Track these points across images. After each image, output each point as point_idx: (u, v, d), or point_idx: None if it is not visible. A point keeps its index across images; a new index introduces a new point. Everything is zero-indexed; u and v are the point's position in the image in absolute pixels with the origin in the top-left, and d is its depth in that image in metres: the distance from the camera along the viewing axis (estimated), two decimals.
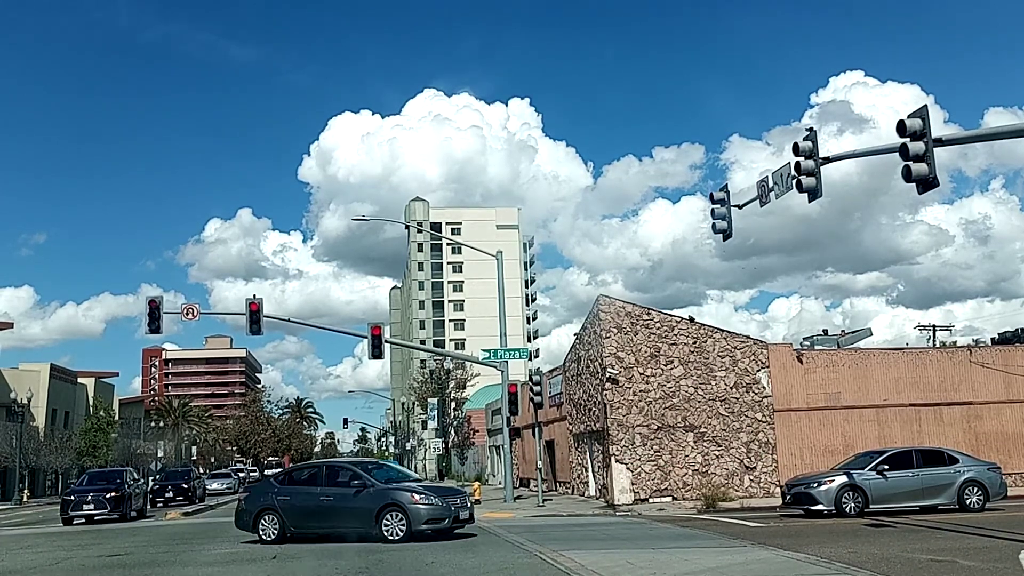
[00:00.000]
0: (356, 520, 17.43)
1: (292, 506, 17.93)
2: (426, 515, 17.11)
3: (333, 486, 18.00)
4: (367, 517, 17.24)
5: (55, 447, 58.66)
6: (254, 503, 18.48)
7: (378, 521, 17.08)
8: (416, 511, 17.07)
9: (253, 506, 18.38)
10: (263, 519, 18.00)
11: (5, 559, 17.71)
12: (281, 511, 17.93)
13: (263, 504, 18.21)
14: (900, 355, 29.92)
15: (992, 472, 22.14)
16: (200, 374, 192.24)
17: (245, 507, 18.62)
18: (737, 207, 18.37)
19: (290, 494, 18.13)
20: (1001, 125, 24.61)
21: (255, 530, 18.05)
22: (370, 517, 17.20)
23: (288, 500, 18.01)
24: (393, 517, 17.04)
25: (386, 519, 17.05)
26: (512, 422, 32.76)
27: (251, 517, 18.20)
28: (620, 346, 28.18)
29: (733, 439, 27.87)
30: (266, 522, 17.95)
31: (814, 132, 15.70)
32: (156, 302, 28.12)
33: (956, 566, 12.47)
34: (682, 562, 13.35)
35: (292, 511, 17.90)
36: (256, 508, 18.24)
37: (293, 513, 17.89)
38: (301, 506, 17.92)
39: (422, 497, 17.39)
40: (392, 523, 17.02)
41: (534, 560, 14.01)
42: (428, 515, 17.13)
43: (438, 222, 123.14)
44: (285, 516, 17.88)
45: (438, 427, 59.13)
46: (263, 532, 17.93)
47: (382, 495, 17.36)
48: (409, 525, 16.95)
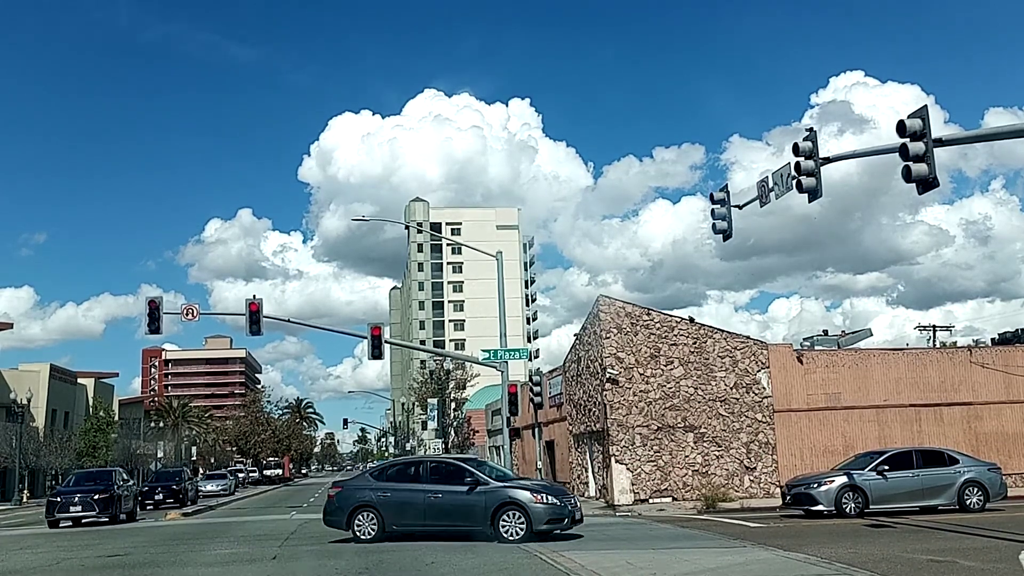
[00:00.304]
0: (468, 519, 16.74)
1: (393, 503, 17.08)
2: (547, 515, 16.42)
3: (440, 483, 17.16)
4: (481, 516, 16.54)
5: (55, 448, 58.60)
6: (348, 499, 17.43)
7: (494, 520, 16.38)
8: (537, 511, 16.37)
9: (347, 503, 17.36)
10: (359, 516, 17.13)
11: (5, 559, 17.70)
12: (380, 508, 17.07)
13: (359, 500, 17.25)
14: (900, 355, 29.91)
15: (992, 472, 22.14)
16: (200, 374, 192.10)
17: (338, 504, 17.52)
18: (737, 207, 18.37)
19: (391, 490, 17.27)
20: (1001, 125, 24.62)
21: (349, 528, 17.20)
22: (485, 516, 16.49)
23: (388, 496, 17.15)
24: (512, 516, 16.33)
25: (504, 518, 16.34)
26: (512, 422, 32.78)
27: (345, 514, 17.25)
28: (620, 346, 28.17)
29: (733, 439, 27.85)
30: (363, 519, 17.10)
31: (814, 132, 15.70)
32: (156, 302, 28.12)
33: (956, 566, 12.46)
34: (682, 562, 13.34)
35: (393, 508, 17.06)
36: (351, 505, 17.26)
37: (394, 510, 17.05)
38: (404, 503, 17.06)
39: (542, 496, 16.70)
40: (511, 523, 16.33)
41: (534, 560, 14.00)
42: (549, 515, 16.44)
43: (438, 222, 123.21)
44: (385, 513, 17.04)
45: (438, 427, 59.14)
46: (359, 530, 17.10)
47: (499, 493, 16.61)
48: (529, 525, 16.26)
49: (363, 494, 17.35)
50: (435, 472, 17.58)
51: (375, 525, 17.01)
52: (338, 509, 17.51)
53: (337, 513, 17.52)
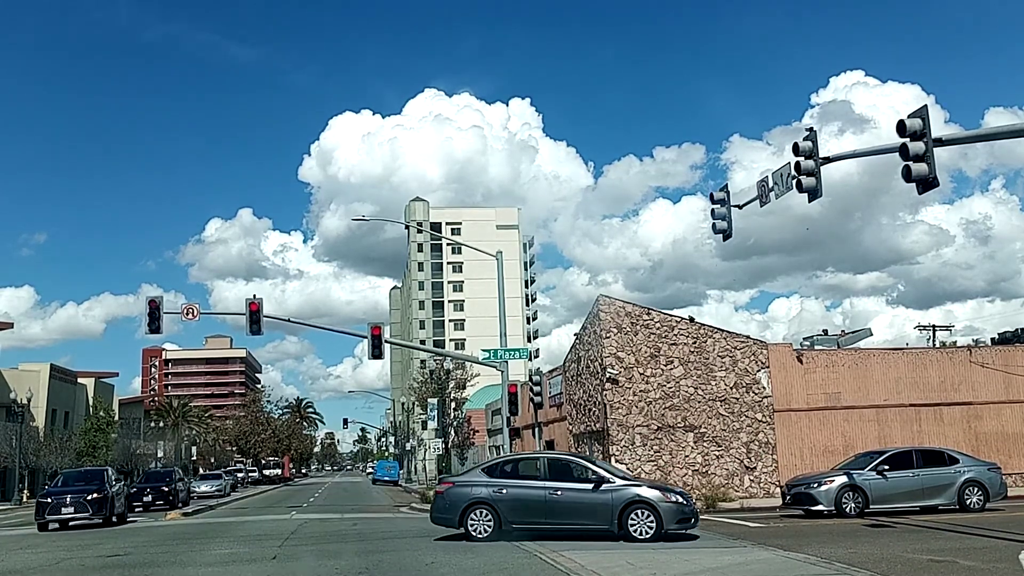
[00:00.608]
0: (593, 517, 16.35)
1: (511, 500, 16.63)
2: (677, 514, 16.11)
3: (560, 479, 16.71)
4: (607, 514, 16.16)
5: (55, 447, 58.55)
6: (461, 496, 16.91)
7: (621, 519, 16.04)
8: (668, 510, 16.04)
9: (460, 500, 16.85)
10: (473, 513, 16.63)
11: (5, 559, 17.70)
12: (496, 505, 16.61)
13: (473, 497, 16.74)
14: (900, 355, 29.91)
15: (992, 472, 22.12)
16: (200, 374, 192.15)
17: (449, 501, 17.02)
18: (737, 207, 18.38)
19: (507, 487, 16.79)
20: (1001, 125, 24.61)
21: (461, 525, 16.72)
22: (611, 515, 16.13)
23: (505, 493, 16.68)
24: (640, 515, 15.98)
25: (632, 517, 15.98)
26: (512, 422, 32.76)
27: (458, 512, 16.75)
28: (620, 346, 28.16)
29: (733, 439, 27.85)
30: (477, 517, 16.61)
31: (814, 132, 15.70)
32: (156, 302, 28.11)
33: (956, 566, 12.46)
34: (682, 562, 13.34)
35: (511, 505, 16.60)
36: (464, 502, 16.76)
37: (512, 508, 16.59)
38: (523, 500, 16.61)
39: (670, 495, 16.41)
40: (639, 521, 15.96)
41: (534, 560, 14.00)
42: (678, 514, 16.14)
43: (438, 222, 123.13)
44: (502, 511, 16.58)
45: (438, 427, 59.07)
46: (473, 528, 16.59)
47: (627, 491, 16.27)
48: (659, 524, 15.93)
49: (477, 491, 16.82)
50: (555, 468, 17.10)
51: (491, 523, 16.56)
52: (449, 506, 16.99)
53: (448, 510, 17.01)
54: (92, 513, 26.76)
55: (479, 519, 16.60)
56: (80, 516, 26.72)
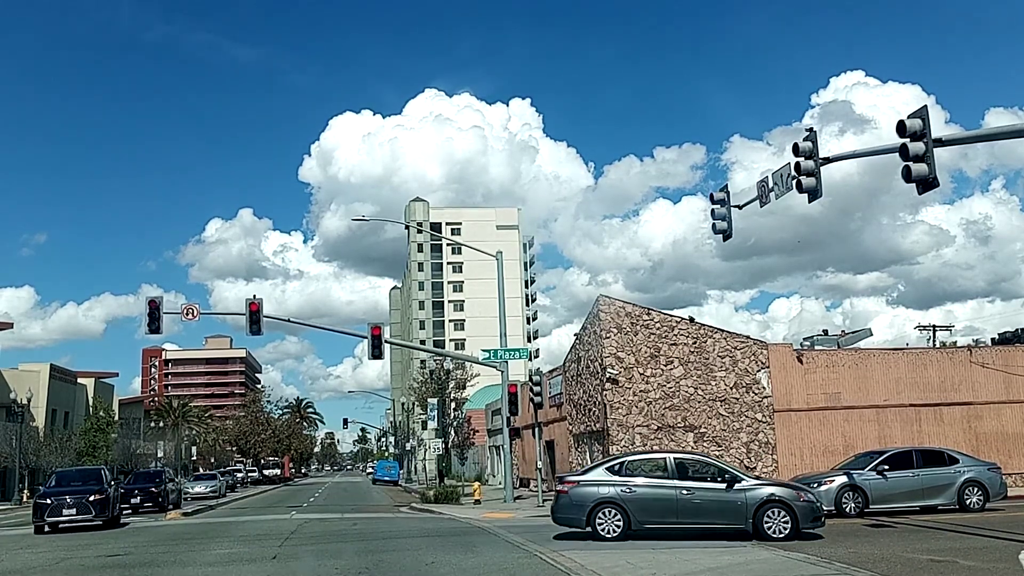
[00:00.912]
0: (726, 516, 16.26)
1: (640, 499, 16.37)
2: (811, 513, 16.10)
3: (689, 479, 16.56)
4: (741, 514, 16.08)
5: (55, 447, 58.56)
6: (587, 496, 16.57)
7: (755, 518, 15.94)
8: (803, 509, 16.00)
9: (586, 499, 16.55)
10: (601, 513, 16.37)
11: (5, 559, 17.70)
12: (626, 504, 16.37)
13: (601, 497, 16.46)
14: (900, 355, 29.92)
15: (992, 472, 22.12)
16: (200, 374, 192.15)
17: (574, 500, 16.71)
18: (737, 207, 18.37)
19: (635, 486, 16.51)
20: (1001, 125, 24.65)
21: (589, 525, 16.43)
22: (745, 514, 16.03)
23: (634, 492, 16.41)
24: (775, 514, 15.87)
25: (767, 516, 15.88)
26: (512, 422, 32.75)
27: (585, 511, 16.43)
28: (620, 346, 28.17)
29: (733, 439, 27.86)
30: (606, 516, 16.36)
31: (814, 132, 15.70)
32: (156, 302, 28.11)
33: (956, 566, 12.47)
34: (682, 562, 13.35)
35: (640, 505, 16.37)
36: (592, 501, 16.47)
37: (642, 507, 16.38)
38: (653, 499, 16.39)
39: (803, 494, 16.38)
40: (775, 520, 15.85)
41: (534, 560, 14.01)
42: (812, 513, 16.13)
43: (438, 222, 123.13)
44: (631, 510, 16.35)
45: (438, 427, 58.96)
46: (601, 527, 16.31)
47: (761, 491, 16.23)
48: (795, 523, 15.82)
49: (604, 490, 16.54)
50: (682, 467, 16.94)
51: (619, 523, 16.35)
52: (575, 506, 16.73)
53: (574, 510, 16.75)
54: (95, 515, 25.45)
55: (607, 519, 16.38)
56: (82, 518, 25.33)
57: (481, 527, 21.55)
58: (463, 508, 29.87)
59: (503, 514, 26.04)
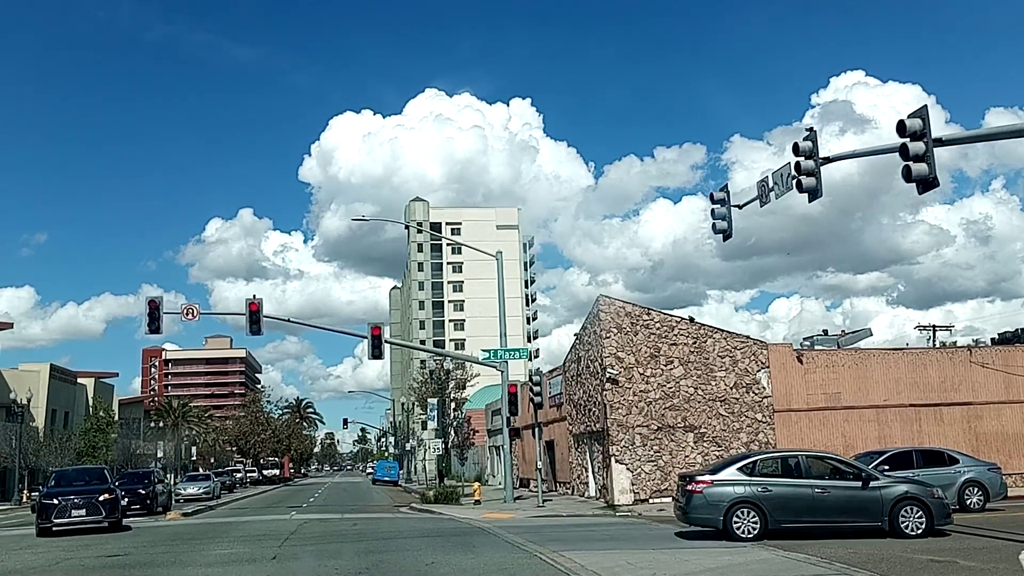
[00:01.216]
0: (863, 514, 16.27)
1: (776, 498, 16.38)
2: (943, 510, 16.25)
3: (822, 477, 16.69)
4: (877, 511, 16.11)
5: (55, 447, 58.57)
6: (723, 496, 16.50)
7: (891, 516, 16.02)
8: (936, 506, 16.12)
9: (723, 499, 16.46)
10: (737, 513, 16.31)
11: (5, 559, 17.70)
12: (762, 504, 16.33)
13: (737, 496, 16.43)
14: (900, 355, 29.91)
15: (992, 472, 22.14)
16: (200, 374, 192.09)
17: (709, 500, 16.59)
18: (737, 207, 18.35)
19: (771, 485, 16.54)
20: (1001, 125, 24.62)
21: (725, 525, 16.30)
22: (881, 511, 16.08)
23: (770, 492, 16.42)
24: (911, 512, 16.00)
25: (903, 514, 15.99)
26: (512, 422, 32.75)
27: (721, 511, 16.35)
28: (620, 346, 28.17)
29: (733, 439, 27.86)
30: (742, 516, 16.30)
31: (814, 132, 15.69)
32: (156, 302, 28.11)
33: (956, 566, 12.47)
34: (682, 562, 13.35)
35: (776, 504, 16.35)
36: (728, 501, 16.41)
37: (778, 506, 16.34)
38: (789, 498, 16.37)
39: (937, 491, 16.50)
40: (910, 518, 15.96)
41: (534, 560, 14.00)
42: (944, 510, 16.30)
43: (438, 222, 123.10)
44: (768, 509, 16.29)
45: (438, 427, 58.95)
46: (738, 528, 16.21)
47: (896, 488, 16.31)
48: (930, 520, 15.95)
49: (740, 489, 16.52)
50: (815, 467, 17.08)
51: (756, 522, 16.30)
52: (711, 506, 16.61)
53: (709, 510, 16.60)
54: (105, 515, 24.09)
55: (744, 518, 16.35)
56: (92, 519, 23.99)
57: (481, 527, 21.55)
58: (463, 508, 29.87)
59: (503, 514, 26.04)
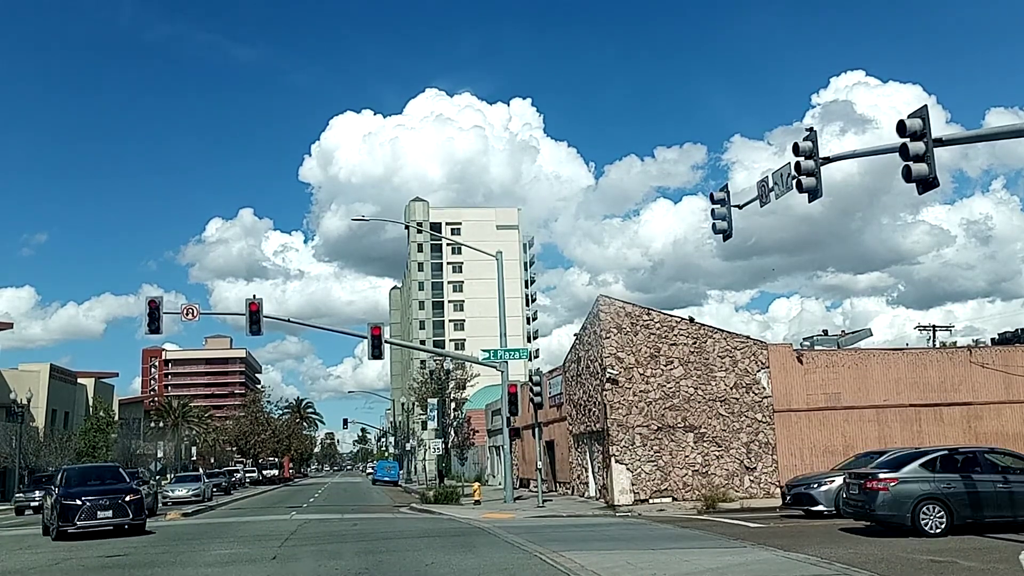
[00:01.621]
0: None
1: (962, 494, 16.36)
2: None
3: (1004, 472, 16.76)
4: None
5: (55, 448, 58.60)
6: (910, 492, 16.41)
7: None
8: None
9: (910, 496, 16.37)
10: (924, 509, 16.24)
11: (5, 559, 17.70)
12: (948, 500, 16.29)
13: (924, 493, 16.35)
14: (900, 355, 29.90)
15: None
16: (200, 374, 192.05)
17: (896, 497, 16.48)
18: (737, 207, 18.35)
19: (955, 481, 16.49)
20: (1002, 125, 24.56)
21: (912, 522, 16.21)
22: None
23: (954, 488, 16.39)
24: None
25: None
26: (512, 422, 32.74)
27: (908, 508, 16.27)
28: (620, 346, 28.17)
29: (733, 439, 27.86)
30: (929, 512, 16.25)
31: (814, 132, 15.68)
32: (156, 302, 28.12)
33: (956, 566, 12.47)
34: (682, 563, 13.34)
35: (962, 500, 16.33)
36: (915, 498, 16.33)
37: (964, 502, 16.32)
38: (974, 494, 16.37)
39: None
40: None
41: (534, 561, 14.00)
42: None
43: (438, 222, 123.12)
44: (953, 505, 16.28)
45: (438, 427, 58.93)
46: (926, 524, 16.14)
47: None
48: None
49: (925, 486, 16.47)
50: (996, 462, 17.18)
51: (942, 518, 16.28)
52: (896, 503, 16.50)
53: (895, 506, 16.48)
54: (132, 517, 22.29)
55: (931, 515, 16.33)
56: (118, 522, 22.22)
57: (481, 528, 21.55)
58: (463, 508, 29.87)
59: (503, 514, 26.04)
